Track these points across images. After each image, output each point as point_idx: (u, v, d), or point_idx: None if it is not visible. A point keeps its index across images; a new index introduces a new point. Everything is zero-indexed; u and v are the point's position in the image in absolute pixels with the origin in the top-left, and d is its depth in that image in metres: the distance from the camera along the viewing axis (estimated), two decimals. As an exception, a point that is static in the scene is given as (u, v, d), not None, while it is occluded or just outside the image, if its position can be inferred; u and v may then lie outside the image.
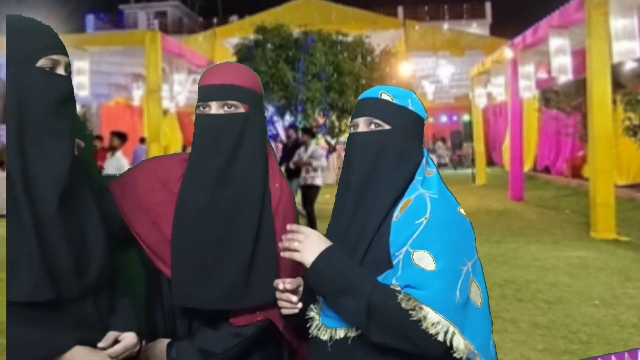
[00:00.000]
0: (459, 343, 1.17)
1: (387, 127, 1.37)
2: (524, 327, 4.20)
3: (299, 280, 1.38)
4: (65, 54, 1.27)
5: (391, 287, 1.22)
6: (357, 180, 1.36)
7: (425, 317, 1.16)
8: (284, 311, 1.36)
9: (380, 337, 1.22)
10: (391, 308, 1.19)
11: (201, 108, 1.44)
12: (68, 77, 1.27)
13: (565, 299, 4.92)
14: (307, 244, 1.29)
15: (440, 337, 1.16)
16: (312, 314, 1.37)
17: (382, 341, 1.23)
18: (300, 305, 1.35)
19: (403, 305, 1.18)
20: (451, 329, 1.17)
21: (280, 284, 1.34)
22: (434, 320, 1.16)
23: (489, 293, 1.33)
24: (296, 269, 1.38)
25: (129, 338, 1.30)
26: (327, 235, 1.36)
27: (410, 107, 1.39)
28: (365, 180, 1.35)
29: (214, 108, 1.42)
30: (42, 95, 1.20)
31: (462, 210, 1.34)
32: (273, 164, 1.51)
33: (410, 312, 1.17)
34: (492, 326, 1.32)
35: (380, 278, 1.25)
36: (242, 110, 1.43)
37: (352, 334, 1.30)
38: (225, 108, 1.42)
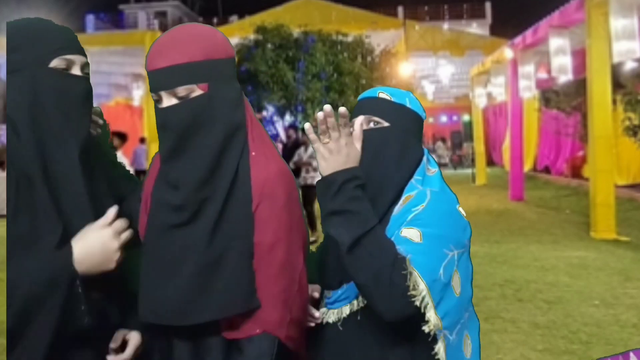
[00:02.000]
0: (431, 315, 1.18)
1: (385, 124, 1.38)
2: (524, 327, 4.20)
3: (315, 287, 1.41)
4: (82, 53, 1.27)
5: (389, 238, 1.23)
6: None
7: (412, 274, 1.17)
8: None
9: (354, 270, 1.20)
10: (384, 252, 1.19)
11: (155, 100, 1.20)
12: (83, 77, 1.27)
13: (565, 299, 4.92)
14: (341, 153, 1.24)
15: (417, 302, 1.16)
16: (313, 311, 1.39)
17: (353, 275, 1.21)
18: (317, 315, 1.34)
19: (397, 256, 1.18)
20: (427, 299, 1.17)
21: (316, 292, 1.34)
22: (419, 283, 1.17)
23: (489, 293, 1.33)
24: (289, 277, 1.23)
25: (136, 337, 1.29)
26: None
27: (408, 105, 1.40)
28: (366, 176, 1.35)
29: (165, 100, 1.17)
30: (56, 97, 1.21)
31: (461, 209, 1.34)
32: (257, 140, 1.24)
33: (403, 264, 1.17)
34: (463, 319, 1.29)
35: None
36: (198, 92, 1.16)
37: (355, 307, 1.32)
38: (178, 96, 1.16)
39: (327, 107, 1.22)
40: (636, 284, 5.33)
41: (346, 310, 1.33)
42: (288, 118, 12.54)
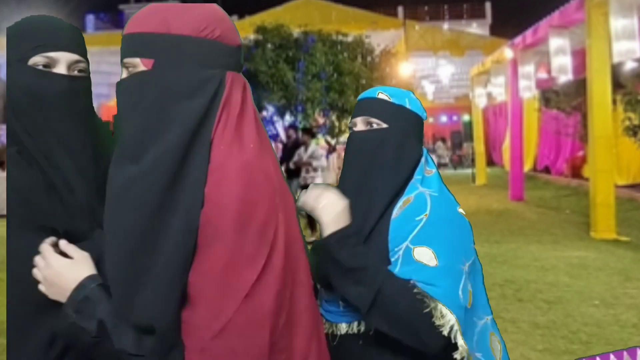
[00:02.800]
0: (459, 341, 1.17)
1: (384, 125, 1.37)
2: (524, 327, 4.20)
3: None
4: (72, 51, 1.21)
5: (402, 278, 1.21)
6: (355, 178, 1.38)
7: (436, 308, 1.16)
8: None
9: (379, 324, 1.21)
10: (402, 298, 1.18)
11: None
12: (67, 76, 1.20)
13: (565, 299, 4.92)
14: (331, 209, 1.25)
15: (445, 332, 1.16)
16: None
17: (380, 328, 1.22)
18: None
19: (415, 292, 1.18)
20: (456, 326, 1.16)
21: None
22: (444, 313, 1.16)
23: (489, 293, 1.34)
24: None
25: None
26: None
27: (408, 106, 1.39)
28: (363, 178, 1.36)
29: (124, 73, 0.99)
30: (32, 95, 1.18)
31: (461, 210, 1.34)
32: (227, 125, 0.95)
33: (424, 302, 1.17)
34: (477, 327, 1.29)
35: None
36: (142, 68, 0.96)
37: (353, 330, 1.30)
38: (128, 70, 0.98)
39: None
40: (636, 284, 5.33)
41: (342, 329, 1.31)
42: (288, 118, 12.54)
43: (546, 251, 6.92)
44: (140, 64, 0.95)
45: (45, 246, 1.03)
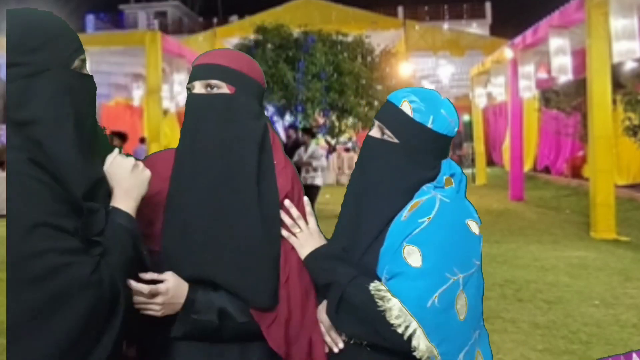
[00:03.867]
0: (420, 342, 1.17)
1: (395, 140, 1.32)
2: (524, 327, 4.20)
3: None
4: (84, 51, 1.27)
5: (368, 278, 1.25)
6: (361, 183, 1.37)
7: (390, 309, 1.18)
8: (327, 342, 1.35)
9: (347, 327, 1.26)
10: (361, 298, 1.22)
11: (188, 88, 1.40)
12: (92, 76, 1.27)
13: (565, 299, 4.92)
14: (306, 237, 1.37)
15: (400, 330, 1.17)
16: None
17: (348, 332, 1.27)
18: (341, 345, 1.33)
19: (373, 294, 1.20)
20: (414, 325, 1.17)
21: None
22: (398, 313, 1.17)
23: (489, 293, 1.33)
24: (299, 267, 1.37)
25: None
26: (336, 229, 1.41)
27: (430, 125, 1.30)
28: (369, 185, 1.35)
29: (197, 87, 1.36)
30: (81, 98, 1.22)
31: (471, 223, 1.27)
32: (278, 156, 1.41)
33: (378, 301, 1.19)
34: (471, 340, 1.26)
35: (377, 272, 1.27)
36: (226, 91, 1.35)
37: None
38: (209, 88, 1.35)
39: (286, 202, 1.39)
40: (636, 284, 5.33)
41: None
42: (288, 118, 12.53)
43: (546, 251, 6.92)
44: (225, 87, 1.36)
45: (145, 287, 1.23)
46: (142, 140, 13.77)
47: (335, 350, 1.32)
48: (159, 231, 1.35)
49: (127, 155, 1.32)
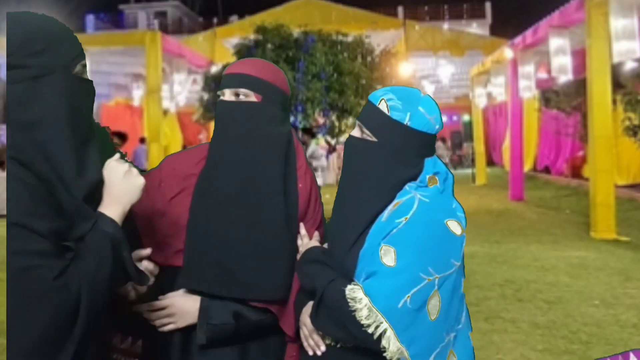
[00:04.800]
0: (390, 342, 1.16)
1: (374, 139, 1.31)
2: (524, 327, 4.20)
3: None
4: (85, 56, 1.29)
5: (346, 280, 1.25)
6: (344, 184, 1.38)
7: (360, 309, 1.18)
8: (305, 346, 1.36)
9: (325, 328, 1.27)
10: (335, 298, 1.22)
11: (218, 95, 1.50)
12: (92, 82, 1.29)
13: (565, 299, 4.92)
14: (302, 247, 1.42)
15: (370, 330, 1.17)
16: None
17: (326, 333, 1.28)
18: (323, 348, 1.34)
19: (346, 294, 1.20)
20: (384, 325, 1.16)
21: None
22: (367, 313, 1.17)
23: (489, 293, 1.32)
24: None
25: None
26: (329, 231, 1.42)
27: (407, 122, 1.29)
28: (350, 185, 1.35)
29: (227, 95, 1.46)
30: (82, 102, 1.23)
31: (451, 223, 1.25)
32: (300, 160, 1.52)
33: (350, 301, 1.19)
34: (443, 342, 1.25)
35: (356, 274, 1.27)
36: (253, 99, 1.45)
37: (329, 340, 1.32)
38: (237, 96, 1.45)
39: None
40: (636, 284, 5.33)
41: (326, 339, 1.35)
42: (288, 118, 12.52)
43: (546, 251, 6.92)
44: (252, 96, 1.45)
45: (152, 304, 1.34)
46: (142, 140, 13.77)
47: (318, 352, 1.32)
48: (182, 242, 1.42)
49: (126, 160, 1.32)
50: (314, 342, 1.33)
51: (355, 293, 1.20)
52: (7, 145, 1.15)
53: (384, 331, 1.16)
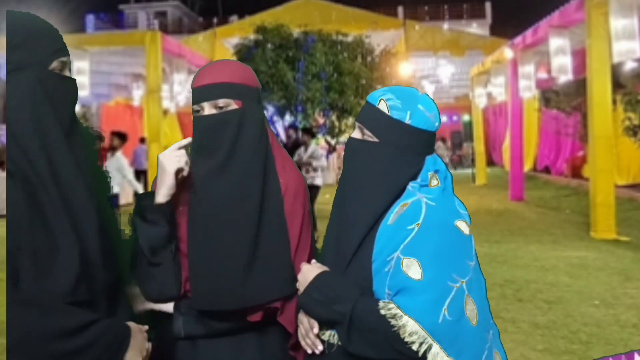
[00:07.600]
0: (437, 358, 1.16)
1: (375, 139, 1.31)
2: (524, 327, 4.20)
3: None
4: (69, 54, 1.28)
5: (373, 298, 1.23)
6: (346, 186, 1.36)
7: (404, 326, 1.16)
8: (303, 345, 1.35)
9: (359, 348, 1.23)
10: (372, 319, 1.20)
11: (195, 110, 1.43)
12: (74, 79, 1.28)
13: (565, 299, 4.92)
14: (301, 277, 1.34)
15: (414, 347, 1.16)
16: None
17: (360, 352, 1.23)
18: (320, 348, 1.32)
19: (383, 313, 1.18)
20: (429, 341, 1.16)
21: (315, 327, 1.33)
22: (412, 330, 1.16)
23: (489, 293, 1.32)
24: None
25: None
26: (326, 234, 1.38)
27: (408, 121, 1.29)
28: (353, 187, 1.34)
29: (207, 109, 1.41)
30: (57, 99, 1.21)
31: (460, 224, 1.26)
32: (278, 152, 1.49)
33: (391, 320, 1.17)
34: (488, 343, 1.27)
35: (374, 284, 1.25)
36: (235, 106, 1.42)
37: (334, 340, 1.30)
38: (218, 108, 1.41)
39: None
40: (636, 284, 5.33)
41: (324, 337, 1.32)
42: (288, 118, 12.51)
43: (546, 251, 6.92)
44: (233, 103, 1.42)
45: None
46: (142, 140, 13.76)
47: (317, 351, 1.31)
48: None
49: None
50: (312, 341, 1.32)
51: (394, 311, 1.18)
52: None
53: (429, 347, 1.16)
